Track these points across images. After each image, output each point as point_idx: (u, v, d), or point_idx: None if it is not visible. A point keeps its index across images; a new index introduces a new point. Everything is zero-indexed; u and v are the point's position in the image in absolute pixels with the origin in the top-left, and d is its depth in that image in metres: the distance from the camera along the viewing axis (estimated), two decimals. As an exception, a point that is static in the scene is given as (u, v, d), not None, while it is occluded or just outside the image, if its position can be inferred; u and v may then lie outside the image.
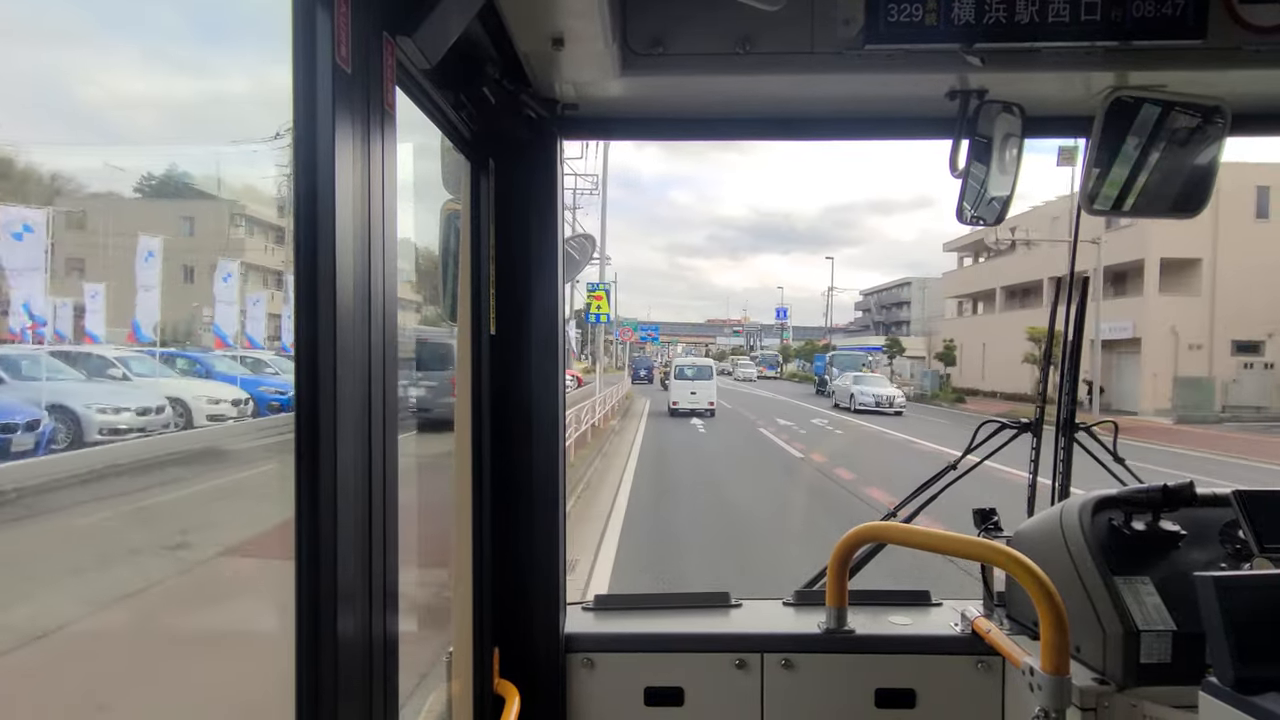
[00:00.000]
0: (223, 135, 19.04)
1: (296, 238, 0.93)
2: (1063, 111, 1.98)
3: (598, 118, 2.06)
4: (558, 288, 2.01)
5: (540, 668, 2.04)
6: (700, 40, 1.75)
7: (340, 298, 0.95)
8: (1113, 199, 1.91)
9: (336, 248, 0.94)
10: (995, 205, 1.97)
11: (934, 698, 2.07)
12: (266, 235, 25.51)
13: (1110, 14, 1.62)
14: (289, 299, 3.44)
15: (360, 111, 1.01)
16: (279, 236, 23.47)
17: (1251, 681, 1.39)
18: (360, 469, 1.02)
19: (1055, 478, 2.63)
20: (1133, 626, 1.72)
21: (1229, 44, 1.66)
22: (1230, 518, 1.84)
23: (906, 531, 2.05)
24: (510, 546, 1.99)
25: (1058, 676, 1.54)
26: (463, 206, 1.85)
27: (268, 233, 25.45)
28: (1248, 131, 1.96)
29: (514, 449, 2.00)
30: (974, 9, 1.64)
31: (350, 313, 0.98)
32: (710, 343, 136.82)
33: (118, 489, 8.62)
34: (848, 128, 2.10)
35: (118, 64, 13.18)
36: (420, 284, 7.12)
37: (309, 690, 0.94)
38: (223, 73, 20.10)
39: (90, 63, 13.55)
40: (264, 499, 7.66)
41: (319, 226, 0.93)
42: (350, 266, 0.98)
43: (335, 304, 0.94)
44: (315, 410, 0.93)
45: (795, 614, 2.28)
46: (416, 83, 1.34)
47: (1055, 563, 1.82)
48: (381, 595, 1.07)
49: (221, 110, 15.66)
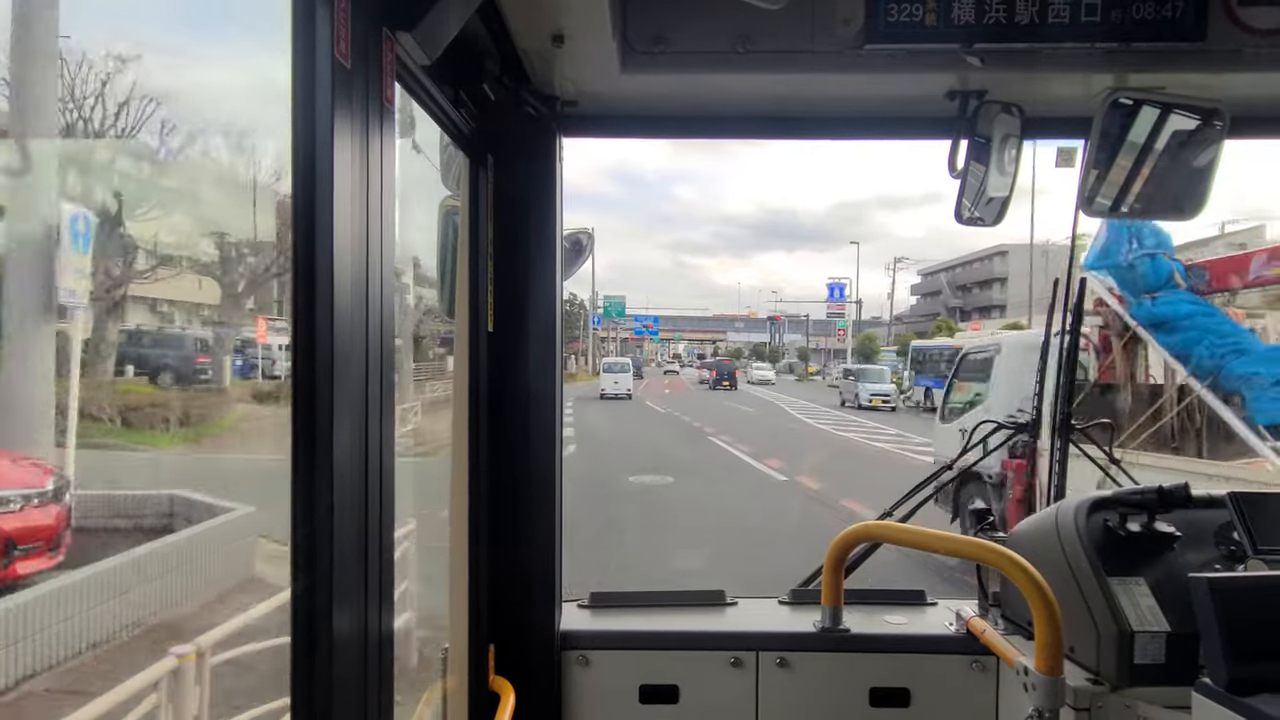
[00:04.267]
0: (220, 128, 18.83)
1: (295, 232, 0.93)
2: (1062, 112, 1.98)
3: (597, 115, 2.05)
4: (556, 285, 2.01)
5: (536, 665, 2.04)
6: (700, 38, 1.75)
7: (338, 293, 0.95)
8: (1111, 200, 1.91)
9: (335, 243, 0.94)
10: (994, 206, 1.97)
11: (928, 697, 2.08)
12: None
13: (1110, 15, 1.62)
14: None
15: (359, 107, 1.01)
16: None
17: (1245, 682, 1.40)
18: (357, 465, 1.02)
19: (1051, 478, 2.64)
20: (1127, 627, 1.73)
21: (1228, 46, 1.67)
22: (1225, 519, 1.84)
23: (902, 531, 2.06)
24: (507, 544, 1.99)
25: (1052, 677, 1.54)
26: (461, 203, 1.85)
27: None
28: (1247, 134, 1.96)
29: (511, 447, 2.00)
30: (974, 9, 1.64)
31: (348, 309, 0.98)
32: (719, 339, 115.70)
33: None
34: (847, 127, 2.10)
35: (113, 55, 13.21)
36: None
37: (304, 685, 0.94)
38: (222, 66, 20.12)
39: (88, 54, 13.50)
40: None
41: (317, 221, 0.93)
42: (348, 261, 0.98)
43: (333, 300, 0.94)
44: (312, 405, 0.93)
45: (790, 612, 2.28)
46: (416, 79, 1.34)
47: (1050, 563, 1.82)
48: (378, 591, 1.07)
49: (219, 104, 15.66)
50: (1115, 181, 1.89)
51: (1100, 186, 1.89)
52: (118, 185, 13.16)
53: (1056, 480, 2.69)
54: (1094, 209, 1.92)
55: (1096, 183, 1.89)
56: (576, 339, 70.00)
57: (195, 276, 18.26)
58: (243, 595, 6.75)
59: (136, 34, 22.96)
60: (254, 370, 19.55)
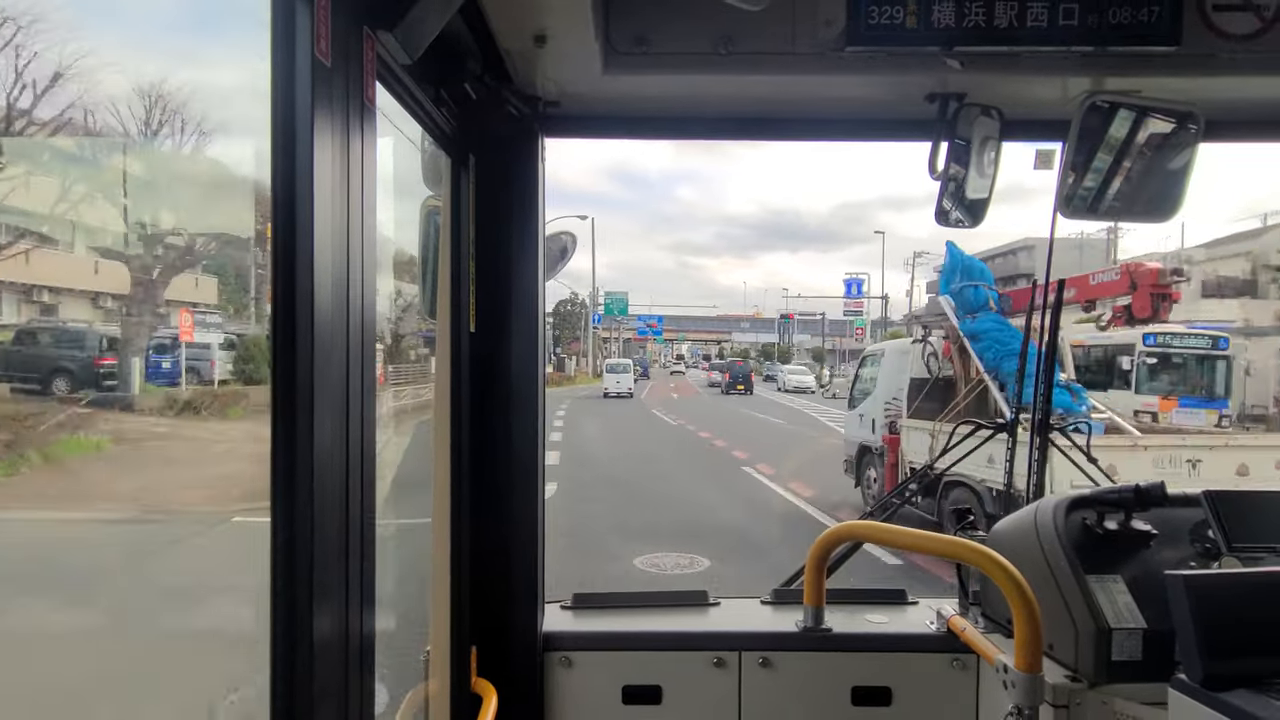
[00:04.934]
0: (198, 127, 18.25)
1: (274, 230, 0.92)
2: (1040, 115, 2.00)
3: (580, 115, 2.05)
4: (538, 286, 2.00)
5: (518, 667, 2.03)
6: (682, 39, 1.75)
7: (318, 293, 0.94)
8: (1088, 202, 1.93)
9: (315, 242, 0.93)
10: (975, 207, 1.99)
11: (910, 695, 2.09)
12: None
13: (1087, 19, 1.64)
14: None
15: (340, 106, 1.00)
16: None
17: (1219, 678, 1.41)
18: (338, 465, 1.01)
19: (1030, 477, 2.66)
20: (1105, 624, 1.74)
21: (1203, 51, 1.69)
22: (1200, 518, 1.86)
23: (884, 530, 2.07)
24: (489, 545, 1.98)
25: (1031, 674, 1.56)
26: (443, 203, 1.84)
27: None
28: (1220, 137, 1.99)
29: (493, 448, 1.99)
30: (954, 12, 1.65)
31: (328, 308, 0.97)
32: (724, 340, 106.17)
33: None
34: (829, 129, 2.11)
35: (90, 51, 12.72)
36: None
37: (284, 688, 0.93)
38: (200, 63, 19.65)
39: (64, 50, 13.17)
40: None
41: (297, 220, 0.92)
42: (328, 260, 0.97)
43: (313, 299, 0.93)
44: (292, 405, 0.92)
45: (773, 612, 2.29)
46: (397, 78, 1.33)
47: (1029, 561, 1.84)
48: (359, 592, 1.06)
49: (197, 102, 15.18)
50: (1092, 184, 1.91)
51: (1078, 188, 1.91)
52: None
53: (1035, 479, 2.72)
54: (1072, 210, 1.94)
55: (1074, 185, 1.91)
56: (576, 339, 66.63)
57: (90, 256, 14.34)
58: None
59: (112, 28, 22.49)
60: (179, 376, 13.03)
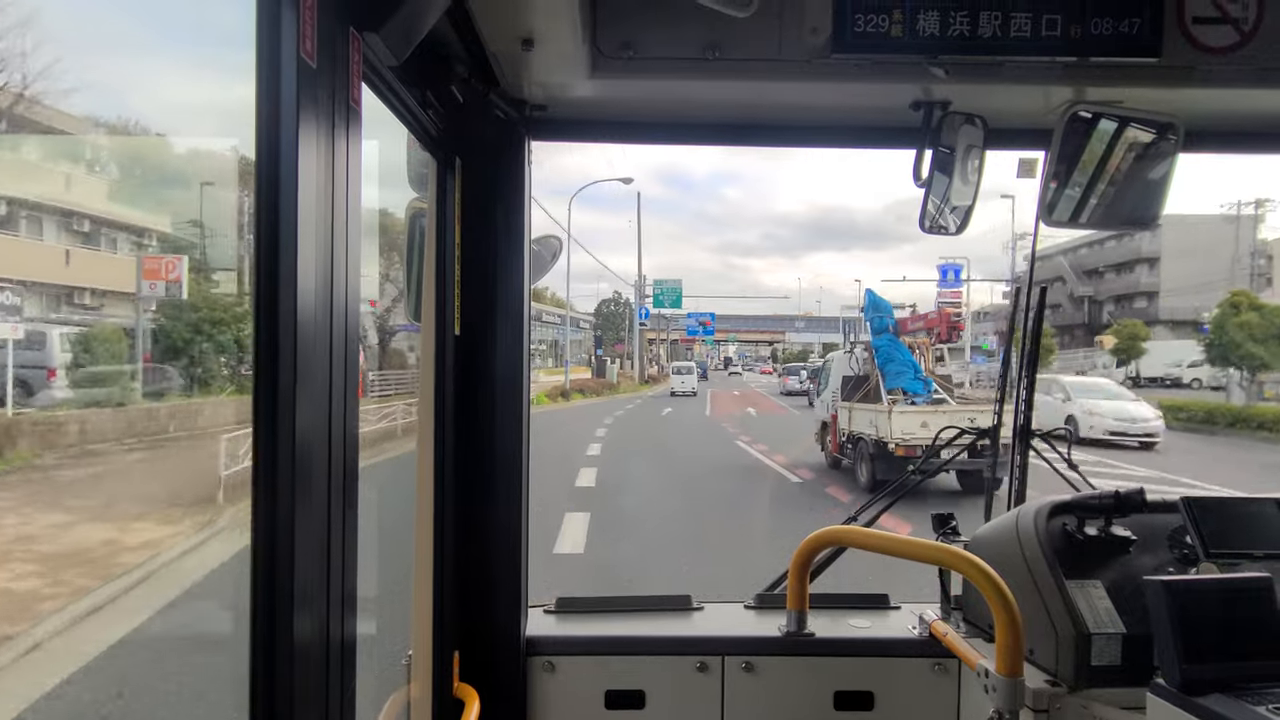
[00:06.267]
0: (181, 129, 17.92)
1: (257, 232, 0.92)
2: (1023, 124, 2.02)
3: (566, 119, 2.05)
4: (524, 289, 2.00)
5: (501, 671, 2.02)
6: (669, 45, 1.76)
7: (302, 295, 0.93)
8: (1070, 211, 1.96)
9: (299, 244, 0.93)
10: (957, 215, 2.00)
11: (892, 700, 2.10)
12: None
13: (1070, 30, 1.66)
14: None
15: (325, 107, 1.00)
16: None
17: (1197, 683, 1.43)
18: (320, 468, 1.00)
19: (1011, 483, 2.68)
20: (1084, 629, 1.76)
21: (1183, 63, 1.72)
22: (1179, 524, 1.89)
23: (866, 535, 2.08)
24: (472, 550, 1.98)
25: (1012, 678, 1.57)
26: (428, 205, 1.83)
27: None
28: (1199, 148, 2.02)
29: (478, 452, 1.98)
30: (939, 22, 1.67)
31: (312, 311, 0.96)
32: (776, 340, 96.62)
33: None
34: (814, 135, 2.12)
35: (73, 53, 12.61)
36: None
37: (264, 693, 0.92)
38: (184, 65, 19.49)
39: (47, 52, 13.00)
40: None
41: (281, 222, 0.91)
42: (312, 263, 0.96)
43: (296, 302, 0.92)
44: (274, 407, 0.91)
45: (756, 617, 2.29)
46: (384, 79, 1.33)
47: (1010, 567, 1.85)
48: (340, 596, 1.05)
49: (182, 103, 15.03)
50: (1074, 192, 1.94)
51: (1060, 197, 1.93)
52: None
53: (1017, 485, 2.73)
54: (1054, 219, 1.96)
55: (1056, 193, 1.93)
56: (620, 340, 61.74)
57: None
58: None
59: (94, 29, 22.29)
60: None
